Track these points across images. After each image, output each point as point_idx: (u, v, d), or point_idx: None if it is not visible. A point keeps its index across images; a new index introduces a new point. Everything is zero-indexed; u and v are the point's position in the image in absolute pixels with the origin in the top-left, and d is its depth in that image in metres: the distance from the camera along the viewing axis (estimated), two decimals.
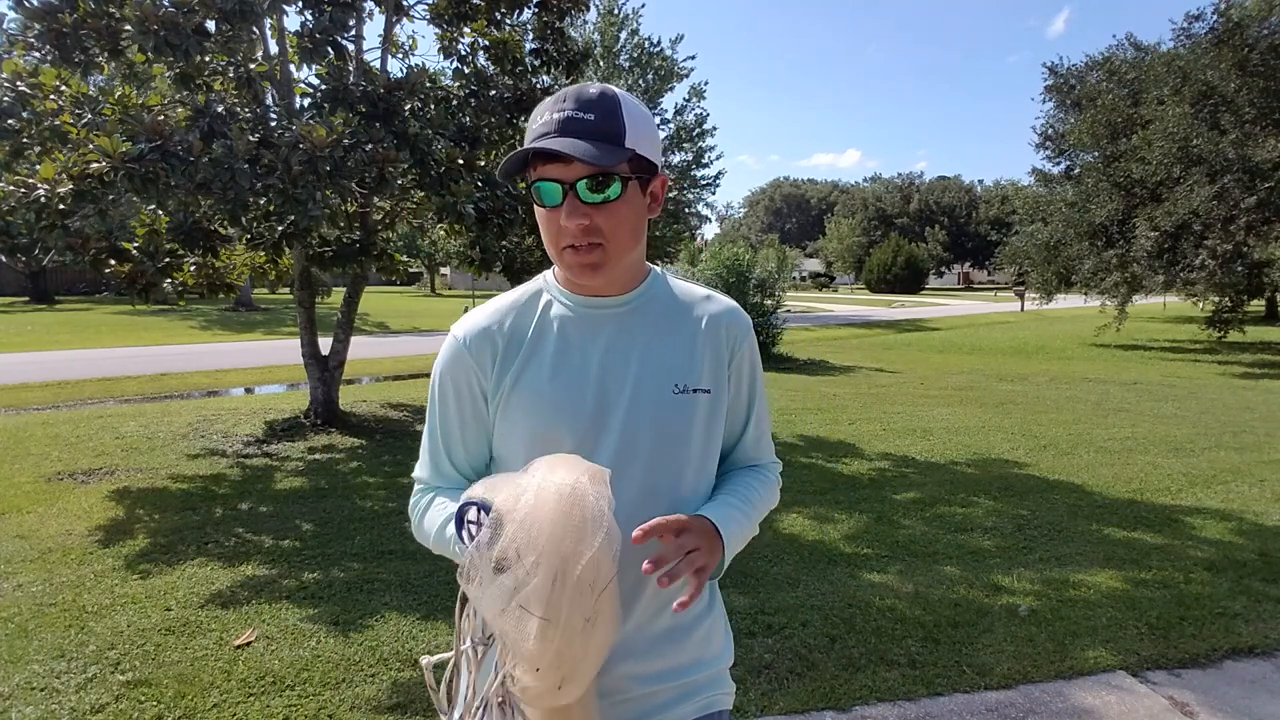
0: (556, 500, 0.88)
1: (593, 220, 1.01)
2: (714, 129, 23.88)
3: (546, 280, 1.17)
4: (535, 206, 1.06)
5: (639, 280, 1.15)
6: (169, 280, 6.36)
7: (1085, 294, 20.05)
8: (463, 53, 7.45)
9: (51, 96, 5.24)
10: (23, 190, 4.99)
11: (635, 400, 1.09)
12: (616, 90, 1.05)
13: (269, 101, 6.52)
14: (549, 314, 1.12)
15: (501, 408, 1.11)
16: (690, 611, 1.15)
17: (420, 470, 1.20)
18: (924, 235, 67.33)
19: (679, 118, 23.44)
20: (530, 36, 7.54)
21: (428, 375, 1.21)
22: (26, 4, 5.42)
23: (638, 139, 1.03)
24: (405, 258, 8.42)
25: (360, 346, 12.45)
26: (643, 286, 1.15)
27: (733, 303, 1.22)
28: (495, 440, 1.14)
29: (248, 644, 3.07)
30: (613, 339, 1.11)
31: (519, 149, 1.03)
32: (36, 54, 5.59)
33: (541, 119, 1.02)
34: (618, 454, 1.07)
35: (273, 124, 5.76)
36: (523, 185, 1.09)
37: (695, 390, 1.12)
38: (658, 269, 1.20)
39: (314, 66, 6.29)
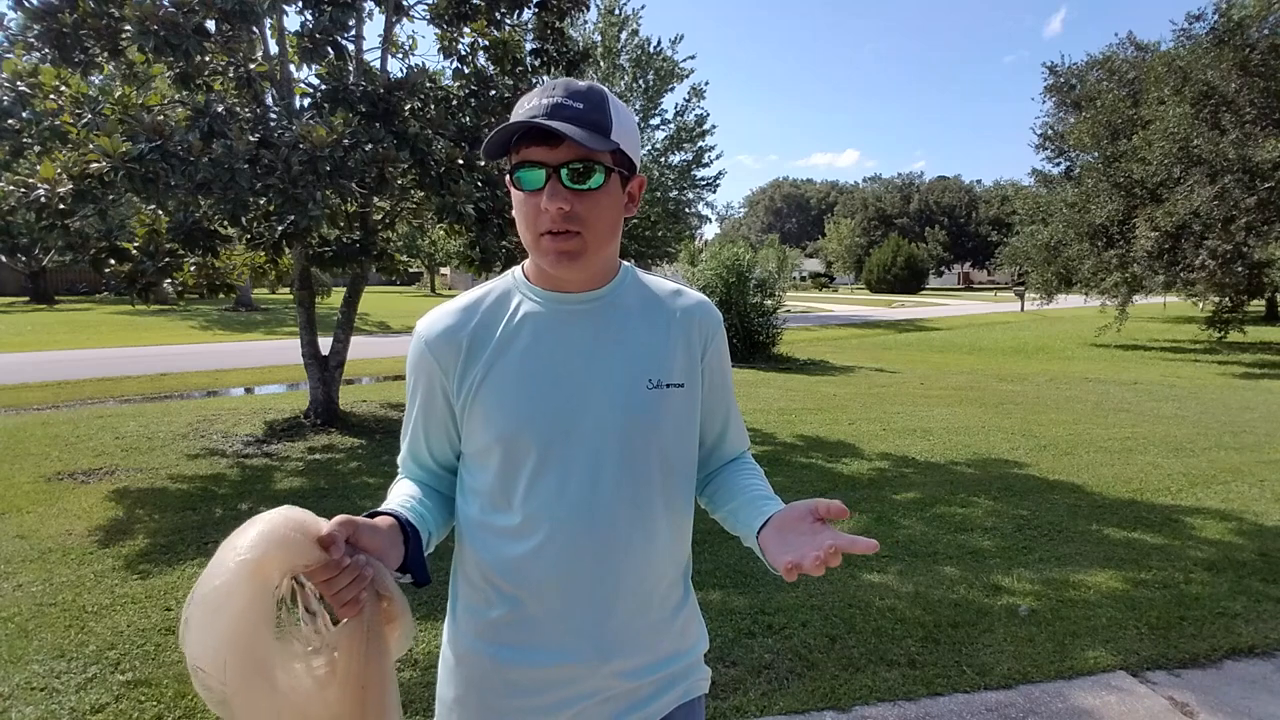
0: (202, 579, 0.87)
1: (573, 207, 1.01)
2: (714, 128, 23.84)
3: (515, 276, 1.15)
4: (514, 192, 1.05)
5: (610, 276, 1.14)
6: (169, 280, 6.37)
7: (1085, 294, 20.04)
8: (463, 53, 7.45)
9: (51, 96, 5.24)
10: (23, 190, 5.00)
11: (609, 396, 1.08)
12: (604, 87, 1.06)
13: (269, 101, 6.52)
14: (518, 311, 1.11)
15: (468, 408, 1.10)
16: (668, 606, 1.16)
17: (400, 455, 1.24)
18: (924, 235, 67.35)
19: (679, 118, 23.42)
20: (530, 36, 7.54)
21: None
22: (26, 4, 5.43)
23: (622, 134, 1.03)
24: (405, 258, 8.42)
25: (360, 346, 12.44)
26: (613, 282, 1.14)
27: (703, 297, 1.22)
28: (463, 439, 1.13)
29: None
30: (584, 335, 1.10)
31: (506, 124, 1.01)
32: (36, 54, 5.59)
33: (529, 104, 1.01)
34: (592, 454, 1.07)
35: (273, 124, 5.76)
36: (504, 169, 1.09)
37: (669, 385, 1.12)
38: (627, 265, 1.19)
39: (314, 66, 6.29)
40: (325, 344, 7.48)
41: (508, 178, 1.06)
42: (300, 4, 6.30)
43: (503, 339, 1.09)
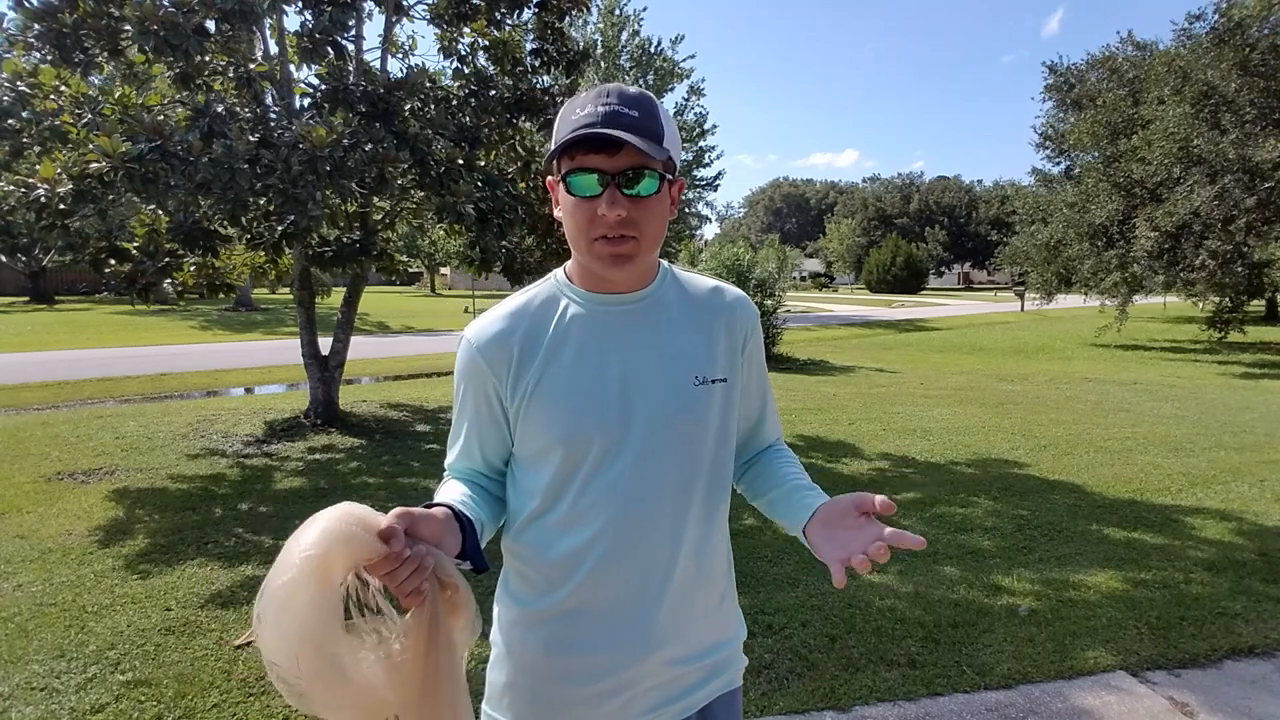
0: (269, 578, 0.89)
1: (630, 213, 1.03)
2: (714, 128, 23.84)
3: (558, 279, 1.17)
4: (564, 196, 1.06)
5: (652, 276, 1.17)
6: (169, 280, 6.36)
7: (1085, 294, 20.04)
8: (463, 53, 7.44)
9: (51, 96, 5.24)
10: (23, 190, 4.99)
11: (658, 395, 1.10)
12: (652, 95, 1.08)
13: (269, 101, 6.52)
14: (565, 316, 1.13)
15: (522, 413, 1.12)
16: (714, 596, 1.19)
17: (448, 459, 1.25)
18: (924, 235, 67.36)
19: (679, 118, 23.42)
20: (530, 36, 7.54)
21: (427, 375, 1.23)
22: (26, 4, 5.42)
23: (671, 142, 1.06)
24: (405, 258, 8.42)
25: (360, 346, 12.45)
26: (655, 281, 1.17)
27: (741, 292, 1.26)
28: (517, 443, 1.15)
29: (248, 644, 3.07)
30: (631, 336, 1.12)
31: (577, 132, 1.00)
32: (36, 54, 5.59)
33: (584, 110, 1.02)
34: (645, 449, 1.09)
35: (273, 124, 5.76)
36: (540, 177, 1.10)
37: (714, 380, 1.15)
38: (665, 264, 1.22)
39: (314, 66, 6.29)
40: (325, 344, 7.48)
41: (555, 182, 1.07)
42: (300, 4, 6.29)
43: (553, 343, 1.11)
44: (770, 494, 1.22)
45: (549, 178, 1.10)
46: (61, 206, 4.91)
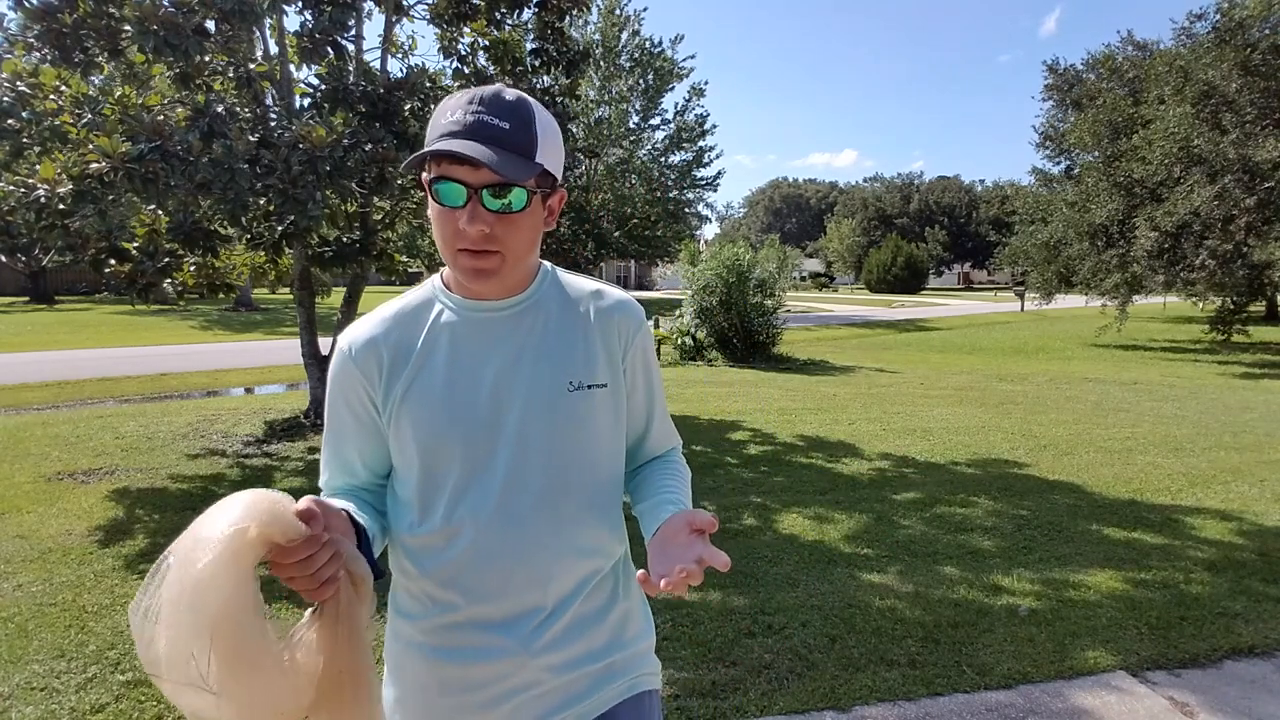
0: (178, 561, 0.83)
1: (493, 229, 1.00)
2: (714, 128, 23.86)
3: (435, 285, 1.15)
4: (431, 202, 1.03)
5: (528, 281, 1.14)
6: (169, 280, 6.36)
7: (1085, 294, 20.05)
8: (463, 53, 7.45)
9: (51, 96, 5.24)
10: (23, 190, 4.99)
11: (529, 403, 1.08)
12: (531, 99, 1.04)
13: (269, 101, 6.52)
14: (438, 322, 1.11)
15: (393, 420, 1.10)
16: (598, 601, 1.16)
17: (322, 479, 1.19)
18: (924, 235, 67.35)
19: (679, 118, 23.43)
20: (530, 36, 7.55)
21: None
22: (26, 4, 5.42)
23: (546, 153, 1.03)
24: (405, 258, 8.42)
25: None
26: (532, 287, 1.14)
27: (624, 295, 1.20)
28: (391, 450, 1.13)
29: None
30: (504, 343, 1.10)
31: (426, 148, 0.99)
32: (36, 54, 5.59)
33: (451, 115, 1.00)
34: (514, 459, 1.07)
35: (273, 124, 5.76)
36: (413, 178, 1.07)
37: (591, 386, 1.12)
38: (548, 266, 1.19)
39: (314, 66, 6.29)
40: (325, 344, 7.48)
41: (428, 182, 1.03)
42: (300, 4, 6.30)
43: (424, 349, 1.09)
44: (639, 506, 1.20)
45: (423, 175, 1.04)
46: (61, 206, 4.91)
